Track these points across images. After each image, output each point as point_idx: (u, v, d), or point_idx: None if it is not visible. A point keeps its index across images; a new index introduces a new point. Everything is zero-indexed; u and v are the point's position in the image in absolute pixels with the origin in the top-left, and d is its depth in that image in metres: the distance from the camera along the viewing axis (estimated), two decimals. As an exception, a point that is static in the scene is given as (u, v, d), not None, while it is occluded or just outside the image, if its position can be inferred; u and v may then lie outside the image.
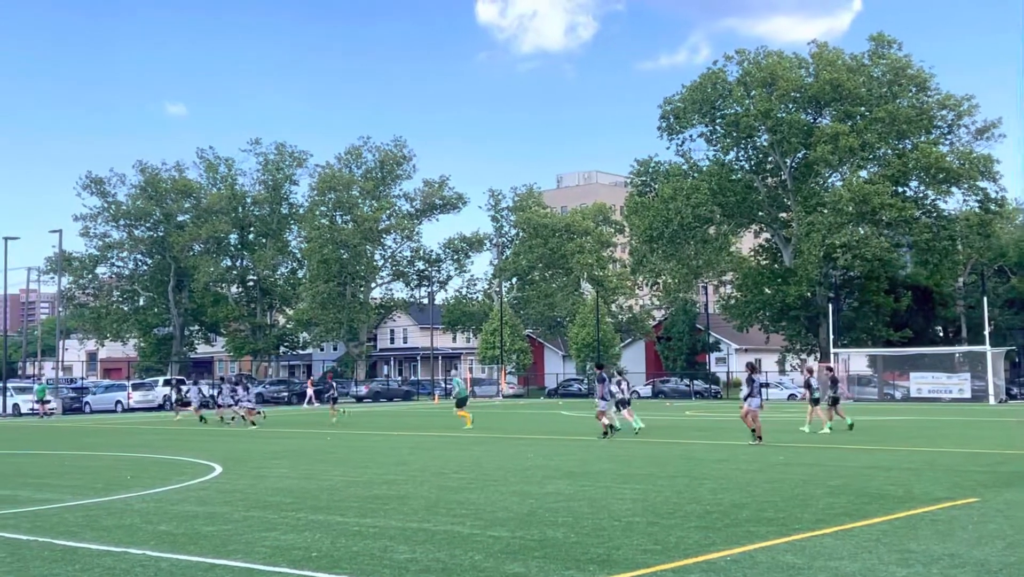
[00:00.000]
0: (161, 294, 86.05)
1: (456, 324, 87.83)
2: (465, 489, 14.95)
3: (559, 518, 11.80)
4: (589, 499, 13.58)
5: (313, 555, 9.65)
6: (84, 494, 15.11)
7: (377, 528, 11.26)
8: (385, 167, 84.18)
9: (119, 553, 9.89)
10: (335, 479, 16.78)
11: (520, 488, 14.98)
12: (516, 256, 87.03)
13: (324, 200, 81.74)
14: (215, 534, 11.02)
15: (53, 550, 10.14)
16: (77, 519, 12.43)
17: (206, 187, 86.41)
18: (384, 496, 14.25)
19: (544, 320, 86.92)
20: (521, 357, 79.34)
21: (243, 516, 12.42)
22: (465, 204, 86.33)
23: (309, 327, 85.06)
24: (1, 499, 14.66)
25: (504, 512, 12.40)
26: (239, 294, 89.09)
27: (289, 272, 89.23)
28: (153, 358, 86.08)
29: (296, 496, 14.44)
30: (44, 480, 17.57)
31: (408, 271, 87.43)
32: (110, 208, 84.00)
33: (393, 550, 9.83)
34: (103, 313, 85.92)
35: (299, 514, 12.53)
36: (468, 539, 10.39)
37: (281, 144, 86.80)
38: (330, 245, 79.25)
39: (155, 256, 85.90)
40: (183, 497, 14.62)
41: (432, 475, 17.15)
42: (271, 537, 10.76)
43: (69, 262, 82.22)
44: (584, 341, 76.87)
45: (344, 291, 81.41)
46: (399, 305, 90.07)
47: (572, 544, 10.04)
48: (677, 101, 67.62)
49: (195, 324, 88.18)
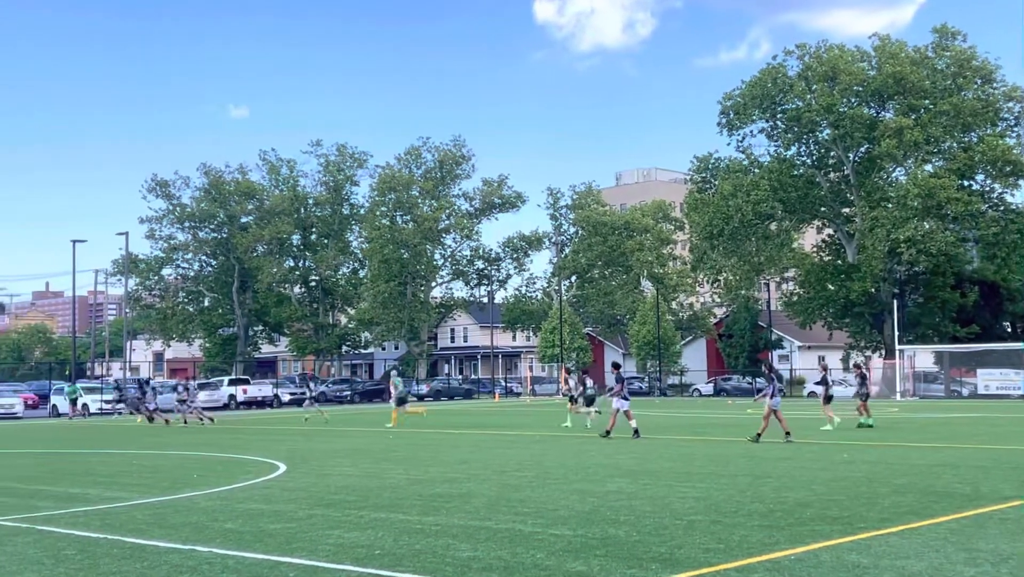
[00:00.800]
0: (225, 295, 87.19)
1: (516, 323, 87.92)
2: (526, 487, 14.98)
3: (621, 516, 11.79)
4: (651, 497, 13.54)
5: (376, 553, 9.74)
6: (152, 492, 15.38)
7: (439, 526, 11.33)
8: (444, 167, 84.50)
9: (186, 551, 10.07)
10: (397, 477, 16.90)
11: (581, 486, 14.98)
12: (575, 254, 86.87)
13: (384, 200, 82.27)
14: (280, 532, 11.16)
15: (122, 547, 10.34)
16: (145, 517, 12.66)
17: (269, 189, 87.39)
18: (446, 494, 14.33)
19: (604, 318, 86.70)
20: (581, 355, 79.19)
21: (307, 514, 12.57)
22: (524, 203, 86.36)
23: (370, 326, 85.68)
24: (72, 497, 14.97)
25: (566, 510, 12.41)
26: (302, 294, 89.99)
27: (351, 272, 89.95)
28: (218, 358, 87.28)
29: (359, 494, 14.58)
30: (113, 479, 17.91)
31: (468, 270, 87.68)
32: (175, 210, 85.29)
33: (455, 548, 9.89)
34: (169, 314, 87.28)
35: (362, 512, 12.65)
36: (530, 537, 10.42)
37: (342, 145, 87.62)
38: (391, 245, 79.75)
39: (219, 257, 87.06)
40: (248, 495, 14.82)
41: (494, 473, 17.20)
42: (335, 535, 10.88)
43: (136, 264, 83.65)
44: (645, 339, 76.55)
45: (405, 290, 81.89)
46: (459, 304, 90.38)
47: (634, 543, 10.02)
48: (737, 97, 67.01)
49: (259, 324, 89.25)
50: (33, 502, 14.45)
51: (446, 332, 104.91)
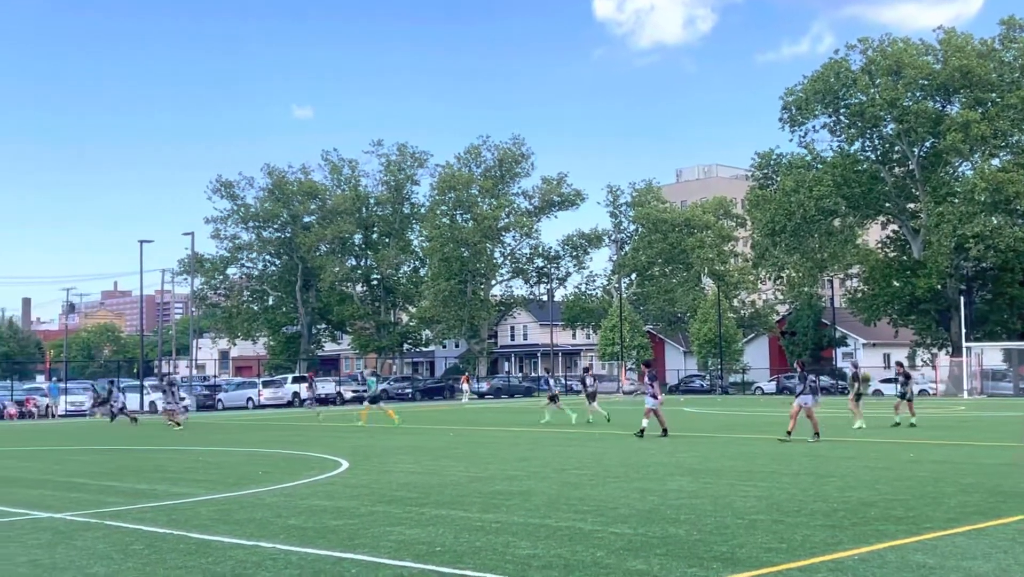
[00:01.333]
0: (289, 294, 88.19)
1: (575, 320, 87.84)
2: (586, 485, 14.97)
3: (681, 515, 11.74)
4: (711, 496, 13.46)
5: (437, 550, 9.80)
6: (217, 489, 15.62)
7: (499, 523, 11.37)
8: (504, 165, 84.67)
9: (251, 546, 10.21)
10: (458, 474, 16.99)
11: (642, 485, 14.93)
12: (635, 252, 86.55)
13: (444, 199, 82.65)
14: (342, 528, 11.28)
15: (188, 543, 10.52)
16: (211, 513, 12.86)
17: (331, 188, 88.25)
18: (506, 492, 14.38)
19: (664, 316, 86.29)
20: (641, 353, 78.88)
21: (369, 510, 12.69)
22: (583, 200, 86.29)
23: (431, 324, 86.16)
24: (140, 493, 15.26)
25: (626, 508, 12.38)
26: (364, 293, 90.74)
27: (411, 270, 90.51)
28: (282, 356, 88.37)
29: (420, 491, 14.68)
30: (180, 475, 18.22)
31: (527, 268, 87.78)
32: (239, 210, 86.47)
33: (515, 546, 9.92)
34: (234, 313, 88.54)
35: (423, 509, 12.73)
36: (590, 535, 10.42)
37: (402, 145, 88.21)
38: (451, 244, 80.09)
39: (283, 257, 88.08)
40: (312, 492, 14.99)
41: (553, 471, 17.22)
42: (396, 531, 10.96)
43: (201, 264, 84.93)
44: (706, 337, 76.07)
45: (465, 289, 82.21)
46: (519, 302, 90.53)
47: (695, 541, 9.98)
48: (799, 92, 66.32)
49: (322, 322, 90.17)
50: (101, 498, 14.75)
51: (506, 330, 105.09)
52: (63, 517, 12.67)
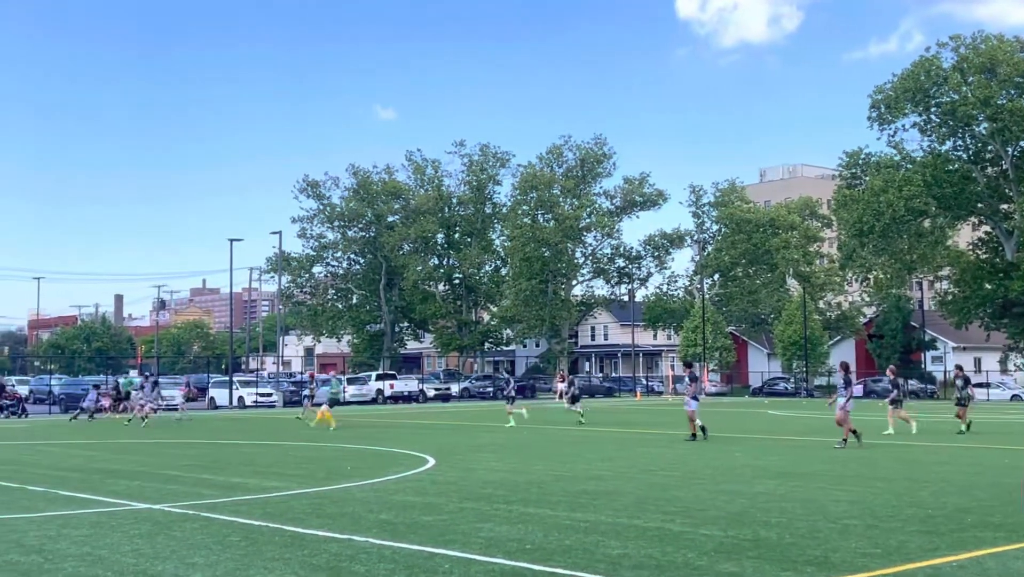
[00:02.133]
0: (373, 292, 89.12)
1: (657, 321, 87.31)
2: (673, 487, 14.92)
3: (772, 518, 11.64)
4: (802, 500, 13.33)
5: (527, 547, 9.87)
6: (308, 483, 15.90)
7: (588, 523, 11.40)
8: (586, 165, 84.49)
9: (344, 540, 10.39)
10: (542, 473, 17.05)
11: (729, 487, 14.84)
12: (718, 252, 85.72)
13: (526, 199, 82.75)
14: (433, 524, 11.42)
15: (283, 535, 10.74)
16: (303, 506, 13.10)
17: (414, 188, 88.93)
18: (592, 491, 14.39)
19: (748, 317, 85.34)
20: (724, 355, 78.16)
21: (457, 507, 12.81)
22: (666, 200, 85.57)
23: (512, 324, 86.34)
24: (234, 486, 15.60)
25: (714, 510, 12.32)
26: (446, 292, 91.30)
27: (493, 270, 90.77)
28: (365, 354, 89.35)
29: (506, 489, 14.77)
30: (271, 469, 18.57)
31: (609, 268, 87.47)
32: (325, 210, 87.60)
33: (605, 545, 9.94)
34: (319, 311, 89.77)
35: (511, 507, 12.82)
36: (679, 537, 10.39)
37: (485, 145, 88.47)
38: (532, 243, 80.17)
39: (367, 256, 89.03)
40: (400, 487, 15.18)
41: (639, 472, 17.18)
42: (486, 528, 11.06)
43: (288, 262, 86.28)
44: (790, 339, 75.05)
45: (546, 288, 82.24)
46: (600, 302, 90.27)
47: (787, 545, 9.90)
48: (888, 90, 65.02)
49: (405, 321, 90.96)
50: (196, 490, 15.11)
51: (587, 330, 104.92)
52: (161, 508, 13.02)
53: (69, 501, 13.87)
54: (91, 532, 11.07)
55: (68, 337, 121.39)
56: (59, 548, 10.07)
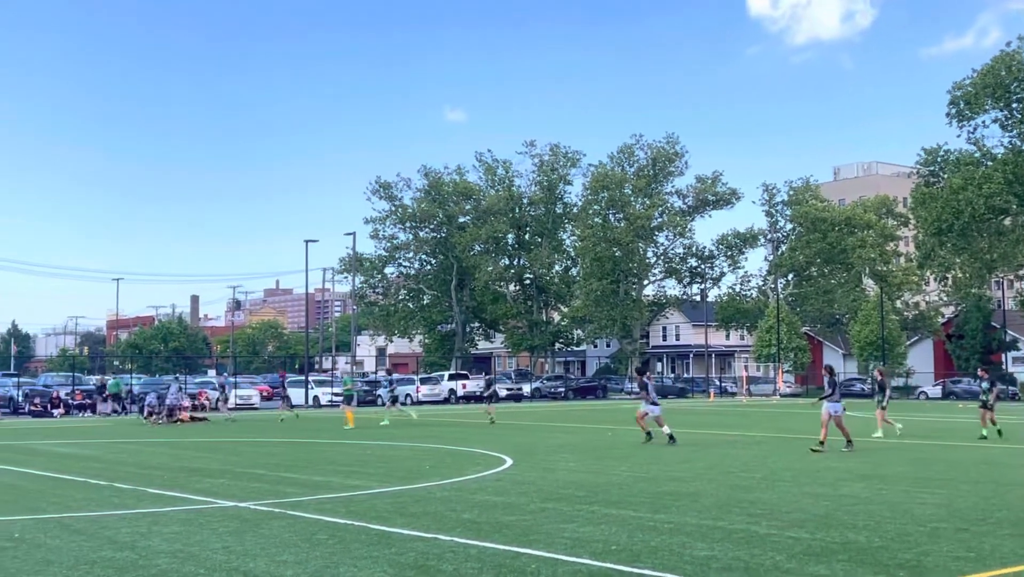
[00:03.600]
0: (444, 293, 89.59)
1: (729, 321, 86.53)
2: (756, 488, 14.78)
3: (859, 521, 11.48)
4: (888, 503, 13.12)
5: (612, 548, 9.85)
6: (389, 482, 16.03)
7: (672, 524, 11.34)
8: (657, 164, 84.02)
9: (429, 539, 10.46)
10: (622, 474, 16.99)
11: (813, 489, 14.65)
12: (792, 251, 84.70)
13: (597, 199, 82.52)
14: (516, 524, 11.44)
15: (369, 534, 10.85)
16: (387, 505, 13.22)
17: (485, 189, 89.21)
18: (675, 493, 14.31)
19: (823, 317, 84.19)
20: (798, 355, 77.15)
21: (539, 507, 12.83)
22: (738, 199, 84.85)
23: (583, 324, 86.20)
24: (316, 484, 15.79)
25: (800, 513, 12.18)
26: (517, 292, 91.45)
27: (563, 270, 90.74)
28: (437, 354, 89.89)
29: (587, 489, 14.75)
30: (351, 468, 18.76)
31: (681, 268, 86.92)
32: (397, 211, 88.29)
33: (691, 547, 9.88)
34: (392, 311, 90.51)
35: (593, 507, 12.80)
36: (766, 539, 10.29)
37: (555, 145, 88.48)
38: (603, 243, 79.94)
39: (439, 256, 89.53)
40: (480, 487, 15.24)
41: (720, 473, 17.05)
42: (569, 529, 11.06)
43: (361, 263, 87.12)
44: (867, 339, 73.83)
45: (617, 288, 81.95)
46: (672, 302, 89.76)
47: (877, 548, 9.75)
48: (968, 86, 63.72)
49: (475, 321, 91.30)
50: (280, 488, 15.31)
51: (658, 330, 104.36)
52: (247, 506, 13.23)
53: (157, 499, 14.15)
54: (181, 529, 11.28)
55: (146, 337, 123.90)
56: (151, 545, 10.29)
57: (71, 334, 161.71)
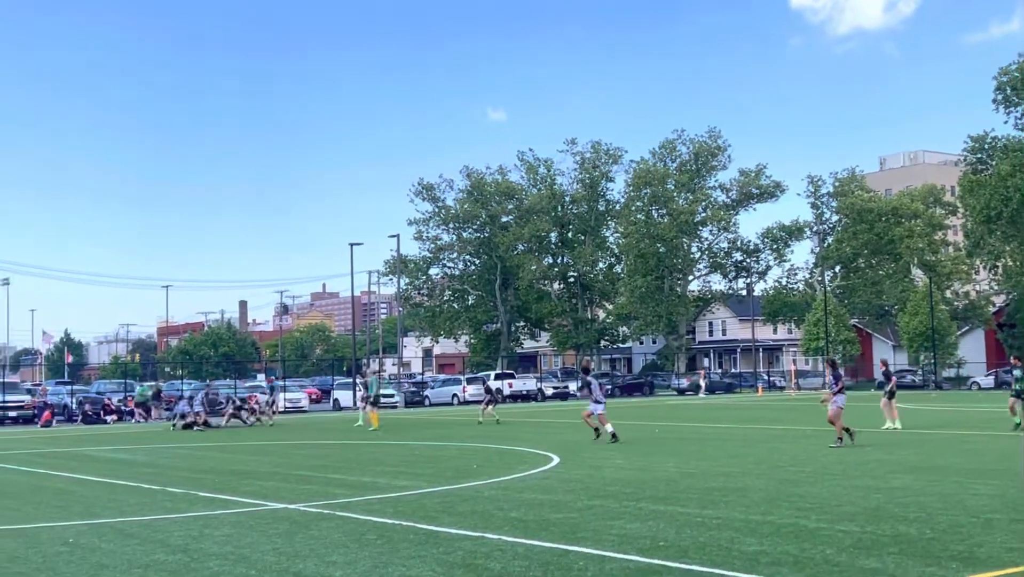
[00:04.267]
0: (489, 292, 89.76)
1: (776, 315, 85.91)
2: (805, 482, 14.66)
3: (910, 513, 11.35)
4: (940, 494, 12.97)
5: (660, 544, 9.82)
6: (437, 481, 16.09)
7: (720, 519, 11.28)
8: (700, 159, 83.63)
9: (477, 537, 10.49)
10: (670, 470, 16.93)
11: (863, 482, 14.51)
12: (839, 243, 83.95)
13: (640, 195, 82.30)
14: (563, 521, 11.44)
15: (417, 533, 10.90)
16: (434, 504, 13.27)
17: (527, 188, 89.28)
18: (722, 488, 14.24)
19: (871, 309, 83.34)
20: (847, 348, 76.40)
21: (586, 505, 12.81)
22: (783, 192, 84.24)
23: (629, 321, 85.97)
24: (365, 485, 15.88)
25: (850, 506, 12.07)
26: (561, 290, 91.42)
27: (607, 267, 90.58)
28: (483, 353, 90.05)
29: (635, 486, 14.71)
30: (399, 468, 18.86)
31: (725, 262, 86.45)
32: (440, 212, 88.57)
33: (740, 542, 9.82)
34: (437, 312, 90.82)
35: (640, 504, 12.77)
36: (815, 533, 10.21)
37: (597, 142, 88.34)
38: (647, 239, 79.69)
39: (482, 256, 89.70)
40: (527, 485, 15.26)
41: (768, 468, 16.93)
42: (617, 525, 11.04)
43: (406, 265, 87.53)
44: (916, 330, 73.03)
45: (662, 284, 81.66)
46: (717, 297, 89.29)
47: (928, 540, 9.64)
48: (1014, 71, 62.85)
49: (520, 320, 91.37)
50: (329, 489, 15.43)
51: (704, 326, 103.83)
52: (296, 508, 13.34)
53: (209, 502, 14.31)
54: (232, 532, 11.40)
55: (196, 343, 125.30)
56: (203, 547, 10.40)
57: (123, 341, 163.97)
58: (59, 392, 55.30)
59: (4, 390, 48.93)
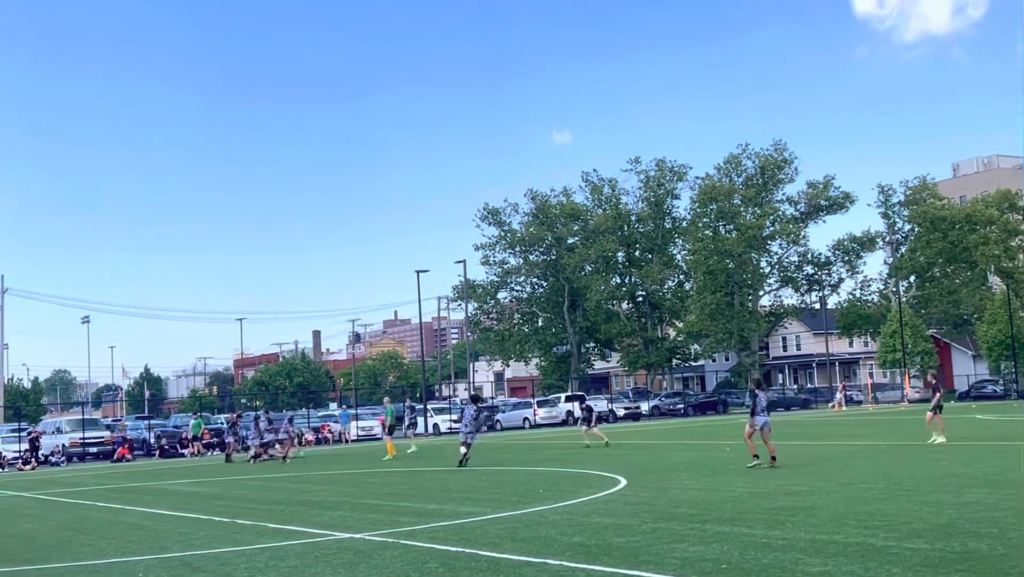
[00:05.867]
0: (557, 314, 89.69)
1: (851, 328, 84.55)
2: (875, 500, 14.38)
3: (982, 529, 11.08)
4: (1014, 509, 12.63)
5: (723, 567, 9.69)
6: (502, 507, 16.07)
7: (785, 540, 11.11)
8: (766, 172, 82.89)
9: (538, 564, 10.45)
10: (738, 490, 16.72)
11: (935, 497, 14.20)
12: (912, 252, 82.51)
13: (706, 211, 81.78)
14: (625, 545, 11.35)
15: (479, 560, 10.89)
16: (498, 530, 13.26)
17: (592, 209, 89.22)
18: (790, 507, 14.03)
19: (949, 318, 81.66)
20: (925, 359, 74.89)
21: (651, 527, 12.70)
22: (853, 203, 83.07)
23: (699, 338, 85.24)
24: (430, 513, 15.92)
25: (920, 523, 11.81)
26: (629, 310, 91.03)
27: (676, 285, 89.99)
28: (554, 376, 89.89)
29: (701, 507, 14.55)
30: (466, 494, 18.88)
31: (796, 276, 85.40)
32: (506, 236, 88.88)
33: (804, 563, 9.66)
34: (506, 335, 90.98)
35: (705, 525, 12.62)
36: (883, 551, 10.01)
37: (661, 160, 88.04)
38: (715, 256, 79.07)
39: (549, 278, 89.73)
40: (592, 509, 15.17)
41: (838, 485, 16.64)
42: (679, 548, 10.92)
43: (474, 289, 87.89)
44: (996, 339, 71.37)
45: (732, 300, 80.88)
46: (789, 312, 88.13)
47: (999, 556, 9.39)
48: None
49: (590, 341, 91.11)
50: (395, 517, 15.49)
51: (778, 341, 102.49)
52: (362, 537, 13.41)
53: (277, 533, 14.45)
54: (297, 563, 11.49)
55: (271, 374, 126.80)
56: (268, 578, 10.50)
57: (200, 375, 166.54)
58: (137, 427, 56.36)
59: (84, 426, 49.96)
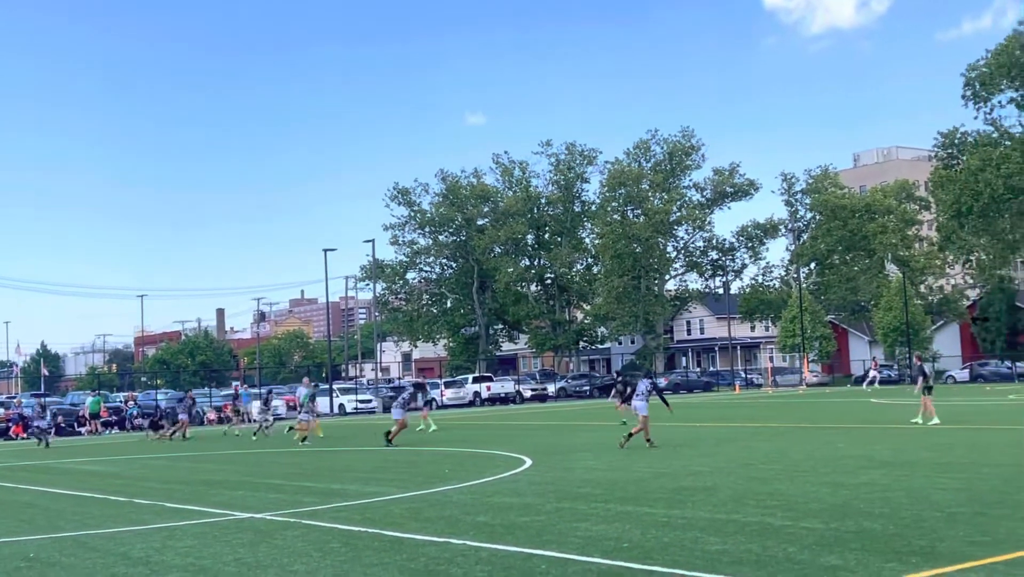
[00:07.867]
0: (466, 296, 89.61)
1: (753, 313, 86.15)
2: (774, 480, 14.68)
3: (876, 509, 11.38)
4: (907, 489, 13.00)
5: (624, 546, 9.79)
6: (407, 487, 16.02)
7: (686, 519, 11.27)
8: (674, 158, 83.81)
9: (442, 543, 10.43)
10: (641, 471, 16.92)
11: (832, 478, 14.55)
12: (813, 240, 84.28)
13: (615, 196, 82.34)
14: (529, 524, 11.40)
15: (382, 540, 10.83)
16: (402, 511, 13.21)
17: (503, 191, 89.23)
18: (691, 487, 14.24)
19: (847, 305, 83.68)
20: (824, 344, 76.71)
21: (555, 507, 12.78)
22: (757, 190, 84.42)
23: (606, 321, 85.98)
24: (334, 493, 15.80)
25: (816, 503, 12.09)
26: (538, 292, 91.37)
27: (584, 268, 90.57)
28: (462, 357, 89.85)
29: (604, 487, 14.69)
30: (371, 474, 18.77)
31: (702, 261, 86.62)
32: (416, 217, 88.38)
33: (704, 541, 9.81)
34: (415, 316, 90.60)
35: (608, 505, 12.75)
36: (780, 531, 10.21)
37: (571, 144, 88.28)
38: (623, 240, 79.74)
39: (459, 260, 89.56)
40: (497, 489, 15.21)
41: (739, 466, 16.95)
42: (583, 528, 11.01)
43: (382, 269, 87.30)
44: (891, 325, 73.36)
45: (639, 284, 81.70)
46: (694, 296, 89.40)
47: (891, 536, 9.65)
48: (983, 67, 63.32)
49: (499, 323, 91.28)
50: (298, 498, 15.34)
51: (682, 325, 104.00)
52: (263, 517, 13.24)
53: (175, 513, 14.18)
54: (195, 543, 11.30)
55: (173, 352, 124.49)
56: (164, 559, 10.30)
57: (99, 352, 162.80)
58: (31, 404, 54.77)
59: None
